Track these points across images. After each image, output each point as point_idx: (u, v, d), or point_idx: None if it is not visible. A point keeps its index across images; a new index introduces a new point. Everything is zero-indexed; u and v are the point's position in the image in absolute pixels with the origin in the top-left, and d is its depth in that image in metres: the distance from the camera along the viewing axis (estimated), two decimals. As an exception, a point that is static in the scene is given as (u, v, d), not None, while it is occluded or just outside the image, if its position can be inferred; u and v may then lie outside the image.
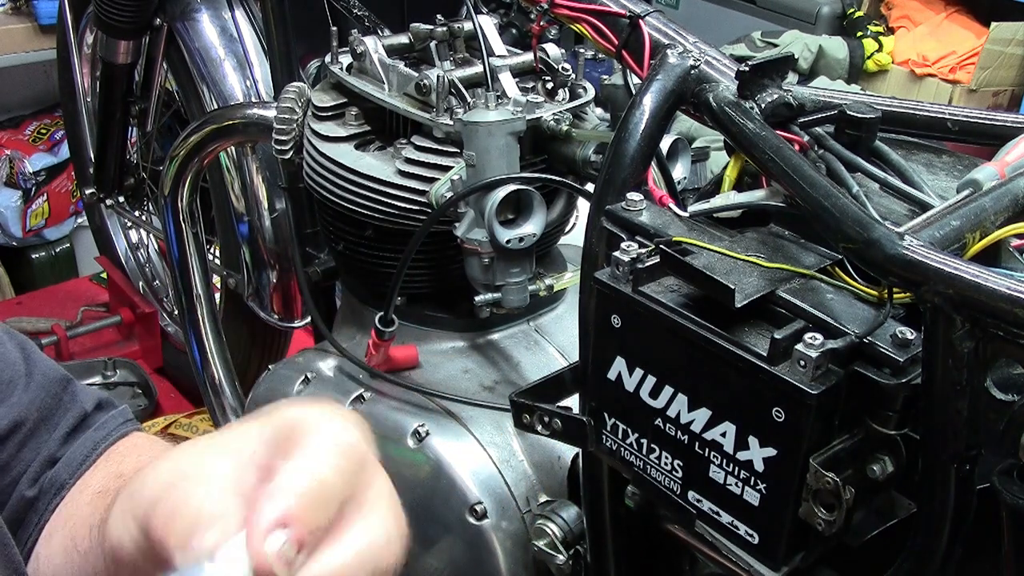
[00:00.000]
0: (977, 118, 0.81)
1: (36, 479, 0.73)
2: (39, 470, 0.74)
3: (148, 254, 2.50)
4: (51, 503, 0.73)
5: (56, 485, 0.73)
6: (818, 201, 0.67)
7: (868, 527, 0.69)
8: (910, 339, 0.64)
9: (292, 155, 1.23)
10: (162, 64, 1.97)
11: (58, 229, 3.08)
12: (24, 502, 0.73)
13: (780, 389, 0.64)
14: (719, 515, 0.72)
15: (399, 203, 1.09)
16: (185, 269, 1.68)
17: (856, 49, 3.58)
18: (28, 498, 0.73)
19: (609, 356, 0.76)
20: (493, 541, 1.05)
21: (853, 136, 0.78)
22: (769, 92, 0.79)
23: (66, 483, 0.73)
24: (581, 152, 1.05)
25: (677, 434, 0.72)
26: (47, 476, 0.73)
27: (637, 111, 0.82)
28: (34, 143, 3.04)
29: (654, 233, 0.76)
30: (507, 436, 1.08)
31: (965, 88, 3.44)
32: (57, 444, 0.75)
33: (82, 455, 0.74)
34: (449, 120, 1.07)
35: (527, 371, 1.16)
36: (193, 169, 1.54)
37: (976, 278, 0.58)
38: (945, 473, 0.63)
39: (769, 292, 0.68)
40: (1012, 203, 0.67)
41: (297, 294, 1.82)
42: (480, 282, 1.10)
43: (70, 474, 0.74)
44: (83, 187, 2.41)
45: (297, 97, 1.21)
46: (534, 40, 1.10)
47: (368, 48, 1.15)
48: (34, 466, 0.74)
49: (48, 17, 2.64)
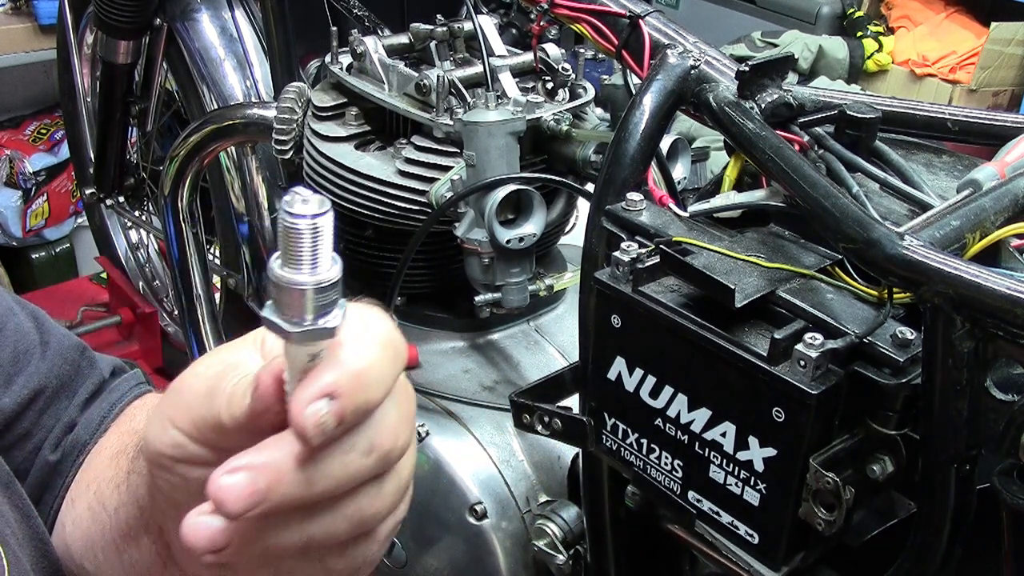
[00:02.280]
0: (977, 118, 0.81)
1: (57, 444, 0.75)
2: (60, 435, 0.75)
3: (148, 254, 2.50)
4: (73, 465, 0.74)
5: (77, 447, 0.74)
6: (818, 201, 0.67)
7: (868, 527, 0.69)
8: (910, 339, 0.64)
9: (292, 155, 1.23)
10: (162, 64, 1.97)
11: (58, 229, 3.07)
12: (48, 467, 0.74)
13: (780, 389, 0.64)
14: (719, 515, 0.72)
15: (399, 203, 1.09)
16: (185, 269, 1.68)
17: (856, 49, 3.58)
18: (52, 463, 0.74)
19: (609, 356, 0.75)
20: (493, 541, 1.05)
21: (853, 136, 0.78)
22: (769, 92, 0.79)
23: (86, 444, 0.74)
24: (581, 152, 1.05)
25: (677, 434, 0.72)
26: (68, 439, 0.75)
27: (637, 111, 0.82)
28: (34, 143, 3.04)
29: (654, 233, 0.76)
30: (507, 436, 1.08)
31: (965, 88, 3.44)
32: (77, 410, 0.76)
33: (99, 416, 0.76)
34: (449, 120, 1.07)
35: (527, 371, 1.16)
36: (193, 169, 1.54)
37: (976, 278, 0.58)
38: (945, 473, 0.63)
39: (769, 292, 0.68)
40: (1012, 203, 0.67)
41: (297, 294, 1.82)
42: (480, 282, 1.10)
43: (89, 435, 0.74)
44: (83, 187, 2.41)
45: (297, 97, 1.21)
46: (534, 40, 1.10)
47: (368, 48, 1.15)
48: (55, 431, 0.75)
49: (48, 17, 2.64)
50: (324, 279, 0.44)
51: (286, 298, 0.44)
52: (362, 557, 0.53)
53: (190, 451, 0.51)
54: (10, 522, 0.65)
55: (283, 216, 0.42)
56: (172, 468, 0.52)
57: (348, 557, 0.52)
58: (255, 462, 0.46)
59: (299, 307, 0.44)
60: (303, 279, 0.43)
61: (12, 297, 0.75)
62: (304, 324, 0.44)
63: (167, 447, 0.52)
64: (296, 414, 0.45)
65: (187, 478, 0.52)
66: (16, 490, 0.68)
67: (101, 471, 0.71)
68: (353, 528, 0.50)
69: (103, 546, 0.68)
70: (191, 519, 0.46)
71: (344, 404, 0.45)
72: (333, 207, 0.44)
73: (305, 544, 0.50)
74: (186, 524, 0.46)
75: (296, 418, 0.45)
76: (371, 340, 0.49)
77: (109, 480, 0.68)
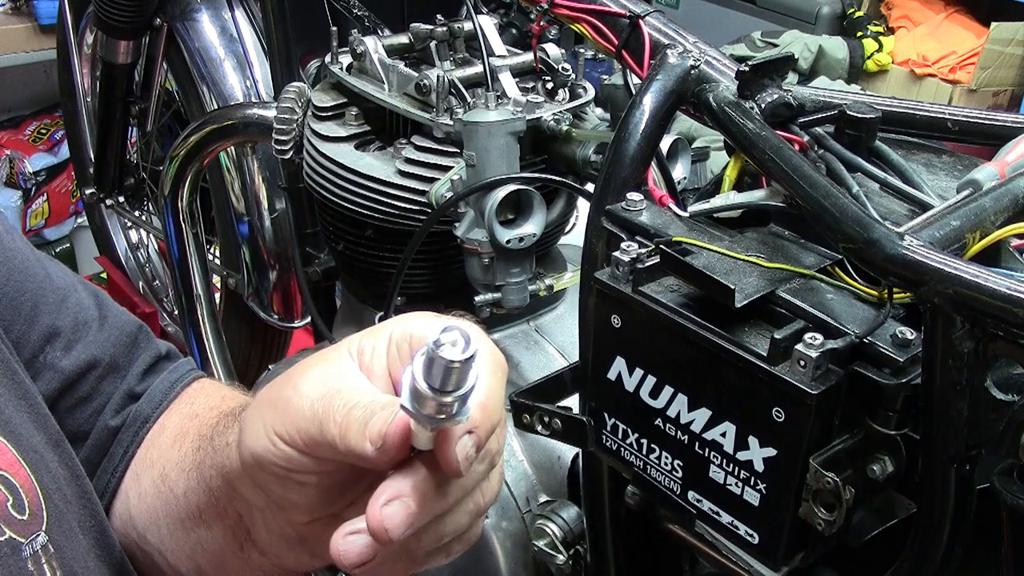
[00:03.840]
0: (977, 118, 0.81)
1: (118, 411, 0.79)
2: (121, 402, 0.79)
3: (148, 254, 2.50)
4: (135, 437, 0.78)
5: (140, 419, 0.78)
6: (818, 201, 0.67)
7: (868, 527, 0.69)
8: (910, 339, 0.64)
9: (292, 155, 1.23)
10: (162, 64, 1.97)
11: (58, 229, 3.08)
12: (108, 431, 0.78)
13: (780, 389, 0.64)
14: (719, 515, 0.72)
15: (399, 203, 1.09)
16: (185, 269, 1.68)
17: (856, 49, 3.58)
18: (112, 427, 0.78)
19: (609, 356, 0.76)
20: (493, 541, 1.05)
21: (853, 136, 0.78)
22: (769, 92, 0.79)
23: (149, 417, 0.78)
24: (581, 152, 1.05)
25: (677, 434, 0.73)
26: (131, 409, 0.79)
27: (637, 111, 0.82)
28: (34, 143, 3.04)
29: (654, 233, 0.76)
30: (507, 436, 1.08)
31: (965, 88, 3.44)
32: (136, 379, 0.80)
33: (162, 392, 0.80)
34: (449, 120, 1.07)
35: (527, 371, 1.16)
36: (193, 169, 1.54)
37: (976, 278, 0.58)
38: (945, 473, 0.63)
39: (769, 292, 0.68)
40: (1012, 203, 0.67)
41: (297, 294, 1.82)
42: (480, 282, 1.10)
43: (152, 409, 0.79)
44: (83, 187, 2.41)
45: (297, 97, 1.21)
46: (534, 40, 1.10)
47: (368, 48, 1.15)
48: (115, 398, 0.79)
49: (48, 17, 2.64)
50: (464, 393, 0.49)
51: (425, 404, 0.49)
52: (474, 535, 0.62)
53: (303, 463, 0.57)
54: (57, 479, 0.68)
55: (435, 354, 0.47)
56: (287, 476, 0.58)
57: (465, 539, 0.61)
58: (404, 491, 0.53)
59: (435, 411, 0.50)
60: (446, 399, 0.49)
61: (76, 277, 0.81)
62: (438, 419, 0.50)
63: (279, 459, 0.58)
64: (449, 455, 0.52)
65: (303, 483, 0.59)
66: (66, 449, 0.71)
67: (165, 451, 0.75)
68: (472, 519, 0.60)
69: (168, 523, 0.73)
70: (340, 539, 0.54)
71: (480, 436, 0.53)
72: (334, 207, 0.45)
73: (438, 541, 0.58)
74: (337, 543, 0.54)
75: (449, 459, 0.52)
76: (486, 368, 0.55)
77: (175, 464, 0.73)
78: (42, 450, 0.67)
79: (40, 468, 0.66)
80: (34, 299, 0.74)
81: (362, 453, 0.53)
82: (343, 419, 0.54)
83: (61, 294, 0.77)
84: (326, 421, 0.55)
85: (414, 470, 0.54)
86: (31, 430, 0.67)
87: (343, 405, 0.55)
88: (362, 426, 0.53)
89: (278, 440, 0.57)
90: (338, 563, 0.54)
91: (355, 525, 0.54)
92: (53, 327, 0.75)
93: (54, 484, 0.67)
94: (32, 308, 0.74)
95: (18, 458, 0.64)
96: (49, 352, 0.75)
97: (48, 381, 0.75)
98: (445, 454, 0.52)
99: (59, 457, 0.70)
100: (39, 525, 0.63)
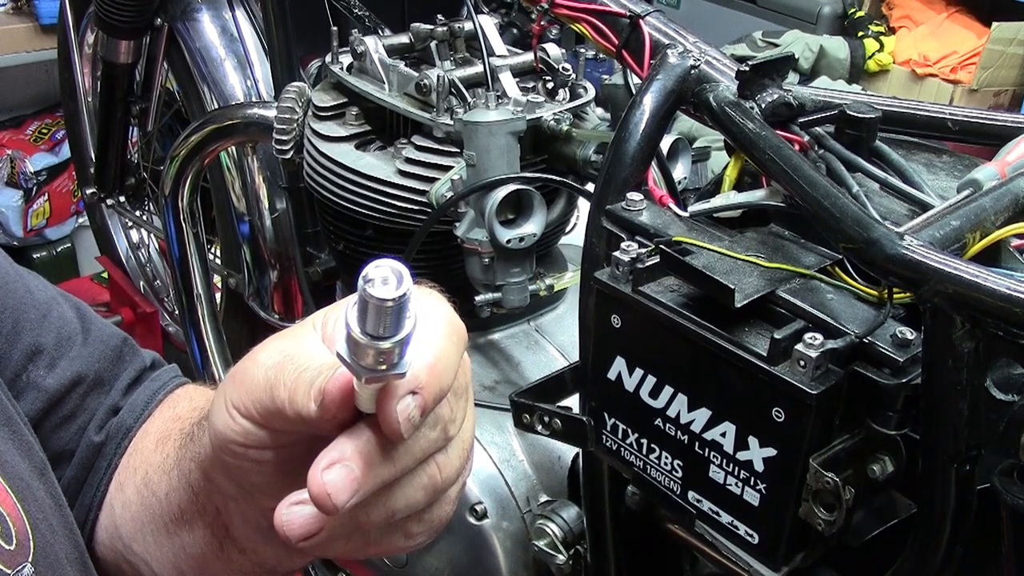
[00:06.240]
0: (978, 118, 0.81)
1: (102, 426, 0.77)
2: (104, 418, 0.77)
3: (149, 254, 2.50)
4: (118, 448, 0.76)
5: (122, 430, 0.77)
6: (818, 201, 0.67)
7: (868, 527, 0.69)
8: (910, 339, 0.64)
9: (292, 155, 1.23)
10: (163, 64, 1.98)
11: (59, 229, 3.08)
12: (92, 447, 0.77)
13: (780, 389, 0.64)
14: (719, 515, 0.72)
15: (399, 203, 1.09)
16: (186, 269, 1.68)
17: (857, 49, 3.58)
18: (96, 443, 0.77)
19: (609, 356, 0.75)
20: (493, 541, 1.05)
21: (853, 136, 0.78)
22: (769, 92, 0.79)
23: (131, 428, 0.77)
24: (581, 152, 1.05)
25: (677, 434, 0.72)
26: (112, 422, 0.77)
27: (637, 111, 0.82)
28: (35, 143, 3.04)
29: (654, 233, 0.76)
30: (507, 436, 1.08)
31: (966, 88, 3.44)
32: (120, 394, 0.79)
33: (143, 401, 0.78)
34: (449, 120, 1.07)
35: (527, 371, 1.16)
36: (194, 169, 1.54)
37: (976, 278, 0.58)
38: (945, 473, 0.63)
39: (769, 292, 0.68)
40: (1012, 203, 0.67)
41: (298, 294, 1.82)
42: (480, 282, 1.10)
43: (134, 419, 0.77)
44: (84, 187, 2.42)
45: (297, 97, 1.21)
46: (534, 40, 1.10)
47: (368, 48, 1.15)
48: (99, 414, 0.77)
49: (49, 17, 2.64)
50: (401, 339, 0.46)
51: (362, 353, 0.46)
52: (437, 519, 0.58)
53: (259, 436, 0.55)
54: (43, 508, 0.66)
55: (364, 293, 0.44)
56: (244, 454, 0.56)
57: (425, 521, 0.57)
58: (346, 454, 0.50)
59: (374, 361, 0.47)
60: (382, 345, 0.46)
61: (56, 289, 0.79)
62: (378, 371, 0.47)
63: (237, 435, 0.55)
64: (388, 414, 0.49)
65: (260, 461, 0.56)
66: (50, 478, 0.70)
67: (147, 456, 0.74)
68: (428, 495, 0.55)
69: (153, 529, 0.71)
70: (284, 510, 0.51)
71: (426, 397, 0.49)
72: (334, 207, 0.45)
73: (388, 516, 0.54)
74: (280, 516, 0.51)
75: (389, 418, 0.49)
76: (438, 329, 0.52)
77: (157, 466, 0.71)
78: (28, 478, 0.65)
79: (27, 497, 0.64)
80: (15, 316, 0.72)
81: (308, 415, 0.51)
82: (292, 382, 0.52)
83: (43, 309, 0.75)
84: (276, 387, 0.52)
85: (357, 432, 0.51)
86: (16, 457, 0.65)
87: (295, 369, 0.52)
88: (308, 387, 0.51)
89: (235, 413, 0.54)
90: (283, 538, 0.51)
91: (299, 496, 0.51)
92: (36, 344, 0.73)
93: (40, 513, 0.65)
94: (13, 325, 0.72)
95: (5, 487, 0.62)
96: (32, 371, 0.73)
97: (32, 401, 0.73)
98: (385, 412, 0.49)
99: (44, 486, 0.68)
100: (26, 556, 0.61)
